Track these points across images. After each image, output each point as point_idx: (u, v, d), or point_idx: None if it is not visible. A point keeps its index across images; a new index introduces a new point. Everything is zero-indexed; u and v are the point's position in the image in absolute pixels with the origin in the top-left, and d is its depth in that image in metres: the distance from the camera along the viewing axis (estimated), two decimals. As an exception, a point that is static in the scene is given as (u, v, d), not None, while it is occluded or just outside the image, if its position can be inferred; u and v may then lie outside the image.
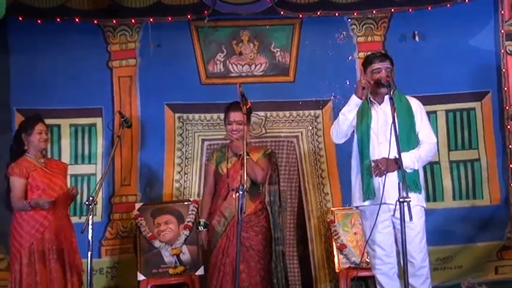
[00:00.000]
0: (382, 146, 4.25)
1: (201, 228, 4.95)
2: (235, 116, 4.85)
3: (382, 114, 4.31)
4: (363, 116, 4.41)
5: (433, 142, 4.32)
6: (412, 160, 4.18)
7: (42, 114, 5.70)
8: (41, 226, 4.88)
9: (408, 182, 4.01)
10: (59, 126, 6.02)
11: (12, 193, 4.93)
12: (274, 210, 4.99)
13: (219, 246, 4.81)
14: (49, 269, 4.88)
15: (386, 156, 4.16)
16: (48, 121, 5.74)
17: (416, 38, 6.09)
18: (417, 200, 4.17)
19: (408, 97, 4.39)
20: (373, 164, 4.26)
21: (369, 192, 4.32)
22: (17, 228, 4.92)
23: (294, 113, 6.09)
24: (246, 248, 4.79)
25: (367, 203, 4.32)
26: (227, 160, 4.89)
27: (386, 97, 4.26)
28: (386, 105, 4.25)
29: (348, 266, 5.60)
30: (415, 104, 4.36)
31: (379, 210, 4.16)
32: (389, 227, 4.27)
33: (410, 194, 3.93)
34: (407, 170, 4.13)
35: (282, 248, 4.97)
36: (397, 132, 4.02)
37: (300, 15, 6.03)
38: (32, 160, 5.00)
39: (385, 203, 4.19)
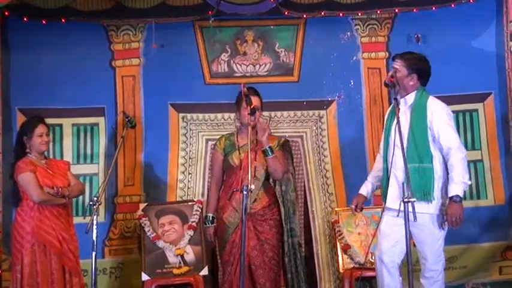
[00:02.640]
0: (394, 150, 4.26)
1: (208, 223, 4.87)
2: (255, 100, 4.80)
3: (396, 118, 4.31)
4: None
5: (453, 151, 4.23)
6: (461, 188, 4.19)
7: (44, 113, 5.71)
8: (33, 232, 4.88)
9: (414, 189, 4.01)
10: (60, 125, 5.98)
11: (29, 188, 4.88)
12: (287, 200, 4.93)
13: (233, 241, 4.75)
14: (50, 270, 4.86)
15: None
16: (50, 120, 5.74)
17: (418, 42, 6.06)
18: (427, 209, 4.19)
19: (431, 99, 4.35)
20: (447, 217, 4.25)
21: (384, 196, 4.46)
22: (18, 229, 4.91)
23: (299, 113, 6.08)
24: (261, 242, 4.74)
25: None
26: (239, 150, 4.82)
27: (402, 100, 4.26)
28: (402, 108, 4.25)
29: (352, 266, 5.59)
30: (430, 108, 4.29)
31: (382, 212, 4.39)
32: (399, 222, 4.24)
33: (420, 203, 3.97)
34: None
35: (298, 239, 4.94)
36: (402, 136, 4.04)
37: (304, 16, 6.02)
38: (34, 160, 4.99)
39: (389, 208, 4.26)
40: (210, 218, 4.87)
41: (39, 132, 4.99)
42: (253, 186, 4.71)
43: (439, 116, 4.29)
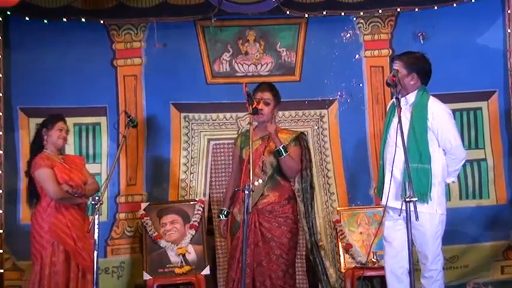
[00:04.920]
0: (392, 149, 4.25)
1: (221, 216, 4.87)
2: (263, 95, 4.79)
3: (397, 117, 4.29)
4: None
5: (453, 151, 4.30)
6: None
7: (46, 112, 5.73)
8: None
9: (416, 191, 3.99)
10: (62, 125, 6.00)
11: (47, 185, 4.87)
12: (306, 198, 4.88)
13: (238, 237, 4.69)
14: (69, 269, 4.86)
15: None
16: None
17: (421, 40, 6.04)
18: (425, 208, 4.18)
19: (432, 99, 4.33)
20: None
21: (379, 193, 4.44)
22: (37, 229, 4.90)
23: (300, 112, 6.07)
24: (267, 240, 4.69)
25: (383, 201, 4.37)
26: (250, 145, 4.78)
27: (403, 99, 4.26)
28: (402, 107, 4.24)
29: (353, 265, 5.59)
30: (431, 109, 4.28)
31: (384, 212, 4.35)
32: (400, 226, 4.26)
33: (418, 202, 3.94)
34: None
35: (314, 238, 4.93)
36: (403, 136, 4.02)
37: (306, 15, 6.00)
38: (51, 155, 5.01)
39: (389, 207, 4.26)
40: (224, 212, 4.88)
41: (60, 127, 5.03)
42: (260, 181, 4.74)
43: (440, 117, 4.28)
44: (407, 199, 3.84)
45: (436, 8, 5.93)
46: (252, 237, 4.66)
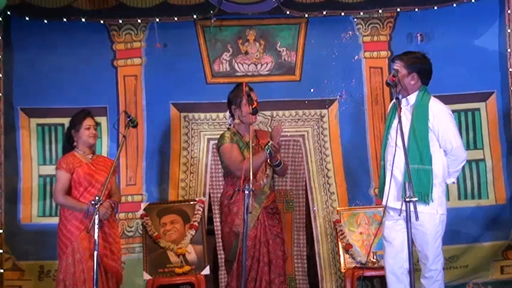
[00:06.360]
0: (393, 149, 4.26)
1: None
2: (254, 95, 4.86)
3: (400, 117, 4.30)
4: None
5: (453, 152, 4.32)
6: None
7: (46, 113, 5.79)
8: (81, 224, 4.83)
9: (416, 192, 4.00)
10: (63, 125, 5.93)
11: (55, 186, 4.97)
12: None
13: (255, 236, 4.73)
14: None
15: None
16: (52, 120, 5.85)
17: (418, 41, 6.04)
18: (426, 209, 4.20)
19: (432, 100, 4.34)
20: None
21: (380, 193, 4.46)
22: (61, 227, 4.91)
23: (300, 112, 6.07)
24: (274, 237, 4.76)
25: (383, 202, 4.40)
26: (249, 147, 4.80)
27: (404, 100, 4.27)
28: (403, 107, 4.25)
29: (353, 265, 5.60)
30: (432, 109, 4.29)
31: (384, 212, 4.38)
32: (400, 226, 4.27)
33: (418, 203, 3.94)
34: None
35: None
36: (404, 137, 4.03)
37: (306, 15, 6.01)
38: (79, 156, 5.00)
39: (389, 207, 4.28)
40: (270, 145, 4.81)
41: (87, 125, 5.02)
42: (265, 180, 4.81)
43: (441, 118, 4.30)
44: (407, 199, 3.86)
45: (436, 8, 5.95)
46: (266, 235, 4.75)
